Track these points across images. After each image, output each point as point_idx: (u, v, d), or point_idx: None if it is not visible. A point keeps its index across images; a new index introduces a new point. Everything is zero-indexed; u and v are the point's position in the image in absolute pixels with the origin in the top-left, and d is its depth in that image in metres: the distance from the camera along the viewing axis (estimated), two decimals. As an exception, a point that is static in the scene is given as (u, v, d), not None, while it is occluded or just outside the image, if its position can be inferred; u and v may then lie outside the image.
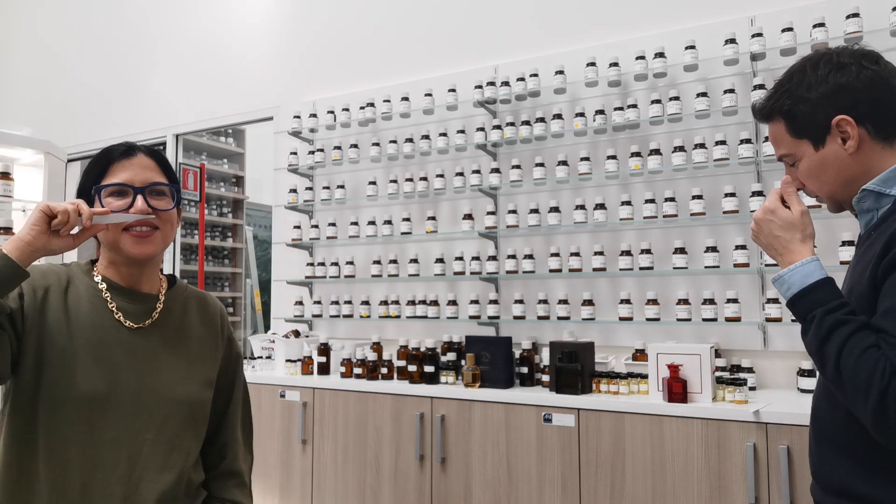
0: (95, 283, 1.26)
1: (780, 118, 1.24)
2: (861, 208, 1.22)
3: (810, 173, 1.22)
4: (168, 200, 1.28)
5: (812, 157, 1.21)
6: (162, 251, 1.28)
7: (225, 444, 1.39)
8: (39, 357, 1.16)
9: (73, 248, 1.13)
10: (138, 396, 1.20)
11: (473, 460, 2.59)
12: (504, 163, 3.19)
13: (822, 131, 1.19)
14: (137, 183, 1.24)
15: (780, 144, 1.25)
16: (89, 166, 1.29)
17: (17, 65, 5.59)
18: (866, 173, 1.19)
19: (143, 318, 1.27)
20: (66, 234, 1.11)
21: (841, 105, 1.16)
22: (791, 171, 1.27)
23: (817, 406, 1.23)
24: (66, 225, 1.09)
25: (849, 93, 1.16)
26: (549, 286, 3.08)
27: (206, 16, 4.51)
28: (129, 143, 1.29)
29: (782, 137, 1.24)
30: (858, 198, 1.21)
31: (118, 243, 1.23)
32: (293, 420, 3.04)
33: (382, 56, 3.73)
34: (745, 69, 2.74)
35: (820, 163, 1.21)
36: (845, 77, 1.17)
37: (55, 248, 1.10)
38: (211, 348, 1.35)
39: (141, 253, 1.23)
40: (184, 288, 1.38)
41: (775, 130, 1.26)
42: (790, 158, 1.25)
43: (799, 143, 1.22)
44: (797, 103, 1.21)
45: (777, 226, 1.21)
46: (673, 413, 2.24)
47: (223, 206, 6.45)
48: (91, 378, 1.17)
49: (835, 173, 1.20)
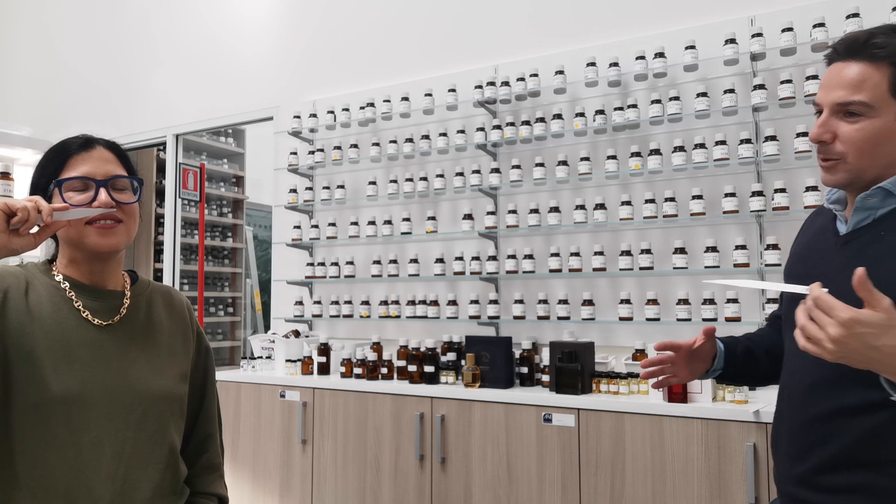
0: (57, 283, 1.22)
1: (891, 67, 1.11)
2: (864, 205, 1.17)
3: (874, 138, 1.13)
4: (130, 194, 1.24)
5: (889, 123, 1.12)
6: (126, 245, 1.25)
7: (204, 438, 1.37)
8: (5, 361, 1.12)
9: (34, 246, 1.08)
10: (113, 394, 1.18)
11: (473, 460, 2.59)
12: (504, 163, 3.19)
13: None
14: (99, 176, 1.21)
15: (862, 90, 1.12)
16: (45, 161, 1.25)
17: (17, 64, 5.59)
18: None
19: (111, 315, 1.24)
20: (25, 232, 1.06)
21: None
22: (830, 121, 1.16)
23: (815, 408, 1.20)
24: (26, 223, 1.05)
25: None
26: (549, 286, 3.08)
27: (207, 16, 4.51)
28: (87, 136, 1.26)
29: (874, 87, 1.11)
30: (867, 194, 1.16)
31: (82, 238, 1.19)
32: (293, 420, 3.04)
33: (382, 56, 3.73)
34: (745, 69, 2.74)
35: (890, 134, 1.12)
36: None
37: (16, 248, 1.06)
38: (181, 342, 1.33)
39: (106, 245, 1.20)
40: (146, 283, 1.35)
41: (870, 76, 1.12)
42: (862, 109, 1.12)
43: (888, 103, 1.12)
44: None
45: (871, 335, 0.96)
46: (673, 413, 2.24)
47: (223, 206, 6.45)
48: (62, 379, 1.14)
49: (890, 150, 1.13)
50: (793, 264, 1.35)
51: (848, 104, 1.13)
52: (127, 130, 4.71)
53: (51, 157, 1.24)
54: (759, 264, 2.62)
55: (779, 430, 1.31)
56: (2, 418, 1.12)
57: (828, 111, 1.17)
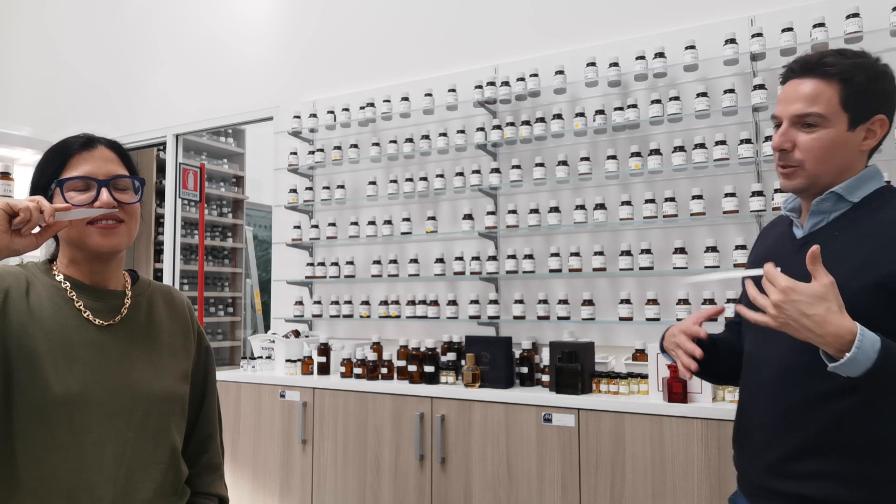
0: (58, 283, 1.21)
1: (841, 84, 1.26)
2: (819, 209, 1.31)
3: (829, 146, 1.27)
4: (131, 194, 1.24)
5: (841, 133, 1.27)
6: (127, 245, 1.24)
7: (205, 438, 1.37)
8: (6, 362, 1.12)
9: (36, 247, 1.08)
10: (115, 394, 1.17)
11: (473, 460, 2.59)
12: (504, 163, 3.19)
13: (863, 118, 1.27)
14: (101, 175, 1.20)
15: (817, 103, 1.26)
16: (45, 160, 1.24)
17: (17, 64, 5.59)
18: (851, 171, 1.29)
19: (112, 315, 1.23)
20: (27, 232, 1.06)
21: (886, 108, 1.29)
22: (789, 132, 1.29)
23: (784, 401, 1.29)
24: (28, 223, 1.05)
25: (891, 104, 1.30)
26: (549, 286, 3.08)
27: (207, 16, 4.51)
28: (89, 135, 1.25)
29: (828, 101, 1.26)
30: (822, 198, 1.30)
31: (83, 238, 1.19)
32: (293, 420, 3.04)
33: (382, 56, 3.73)
34: (745, 69, 2.74)
35: (842, 142, 1.27)
36: (894, 93, 1.30)
37: (18, 248, 1.05)
38: (182, 342, 1.33)
39: (108, 245, 1.19)
40: (147, 283, 1.35)
41: (822, 91, 1.26)
42: (818, 120, 1.26)
43: (839, 115, 1.26)
44: (866, 83, 1.26)
45: (804, 303, 1.10)
46: (673, 413, 2.24)
47: (223, 206, 6.45)
48: (63, 379, 1.13)
49: (842, 157, 1.28)
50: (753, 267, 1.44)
51: (805, 115, 1.27)
52: (127, 130, 4.72)
53: (52, 156, 1.23)
54: (759, 264, 2.62)
55: (743, 424, 1.40)
56: (3, 419, 1.12)
57: (787, 122, 1.30)
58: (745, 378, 1.42)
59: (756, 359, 1.37)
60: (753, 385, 1.37)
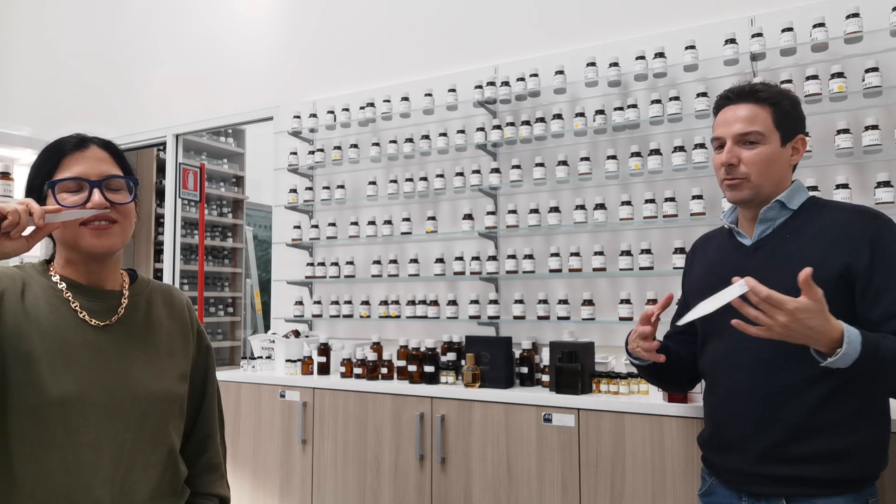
0: (54, 284, 1.21)
1: (771, 108, 1.53)
2: (766, 216, 1.53)
3: (767, 159, 1.51)
4: (125, 194, 1.23)
5: (776, 148, 1.53)
6: (122, 245, 1.23)
7: (204, 438, 1.37)
8: (2, 364, 1.11)
9: (27, 249, 1.06)
10: (112, 395, 1.17)
11: (473, 460, 2.59)
12: (504, 163, 3.19)
13: (790, 136, 1.55)
14: (93, 176, 1.19)
15: (756, 123, 1.51)
16: (39, 161, 1.23)
17: (17, 64, 5.59)
18: (783, 183, 1.54)
19: (109, 316, 1.22)
20: (17, 235, 1.04)
21: (803, 130, 1.59)
22: (734, 149, 1.52)
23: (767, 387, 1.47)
24: (17, 226, 1.03)
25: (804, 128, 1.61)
26: (549, 286, 3.08)
27: (207, 16, 4.51)
28: (81, 135, 1.24)
29: (763, 120, 1.52)
30: (768, 207, 1.52)
31: (77, 239, 1.18)
32: (293, 420, 3.04)
33: (382, 56, 3.73)
34: (745, 69, 2.74)
35: (777, 156, 1.53)
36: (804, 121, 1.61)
37: (8, 251, 1.04)
38: (181, 342, 1.32)
39: (101, 246, 1.19)
40: (146, 282, 1.34)
41: (757, 112, 1.52)
42: (758, 137, 1.51)
43: (773, 133, 1.52)
44: (790, 106, 1.56)
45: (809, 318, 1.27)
46: (673, 413, 2.24)
47: (223, 206, 6.45)
48: (60, 380, 1.12)
49: (778, 170, 1.53)
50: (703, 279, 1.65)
51: (747, 134, 1.51)
52: (127, 130, 4.72)
53: (45, 157, 1.22)
54: (759, 264, 2.62)
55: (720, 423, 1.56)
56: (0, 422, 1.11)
57: (731, 141, 1.53)
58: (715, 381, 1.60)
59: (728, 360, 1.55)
60: (729, 384, 1.54)
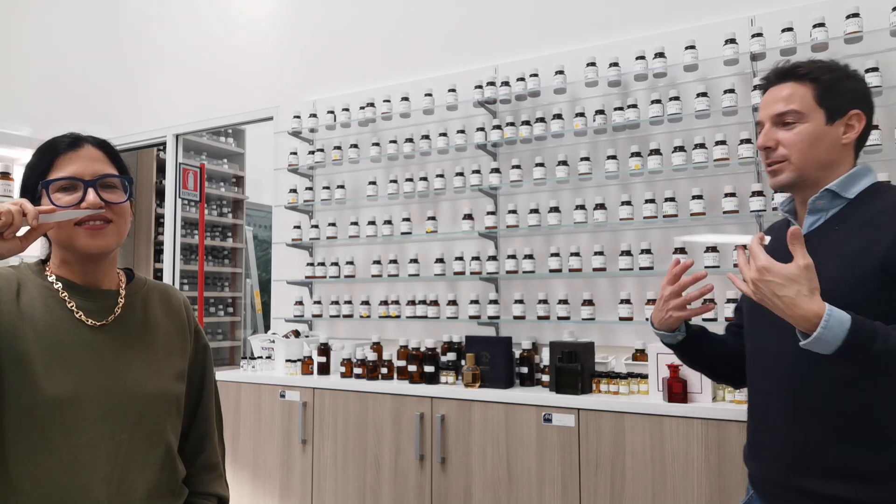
0: (50, 284, 1.20)
1: (811, 83, 1.37)
2: (815, 207, 1.37)
3: (809, 138, 1.36)
4: (120, 193, 1.22)
5: (819, 127, 1.36)
6: (117, 245, 1.22)
7: (202, 437, 1.36)
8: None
9: (21, 250, 1.05)
10: (109, 395, 1.16)
11: (473, 460, 2.59)
12: (504, 163, 3.19)
13: (839, 113, 1.37)
14: (87, 175, 1.18)
15: (793, 102, 1.37)
16: (34, 160, 1.22)
17: (19, 64, 5.59)
18: (836, 167, 1.37)
19: (105, 315, 1.22)
20: (10, 236, 1.03)
21: (862, 105, 1.38)
22: (771, 131, 1.39)
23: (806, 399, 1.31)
24: (11, 227, 1.02)
25: (867, 103, 1.40)
26: (549, 286, 3.08)
27: (207, 15, 4.51)
28: (75, 134, 1.22)
29: (802, 98, 1.37)
30: (816, 196, 1.36)
31: (71, 240, 1.17)
32: (293, 420, 3.04)
33: (382, 56, 3.73)
34: (745, 69, 2.74)
35: (821, 135, 1.36)
36: (869, 94, 1.41)
37: (1, 252, 1.03)
38: (178, 341, 1.32)
39: (96, 246, 1.18)
40: (143, 282, 1.33)
41: (796, 90, 1.38)
42: (794, 117, 1.37)
43: (815, 110, 1.36)
44: (836, 81, 1.38)
45: (777, 284, 1.16)
46: (673, 413, 2.24)
47: (223, 206, 6.45)
48: (55, 381, 1.12)
49: (824, 151, 1.36)
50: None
51: (784, 114, 1.38)
52: (127, 130, 4.72)
53: (39, 156, 1.22)
54: (759, 264, 2.62)
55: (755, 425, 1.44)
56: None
57: (769, 123, 1.40)
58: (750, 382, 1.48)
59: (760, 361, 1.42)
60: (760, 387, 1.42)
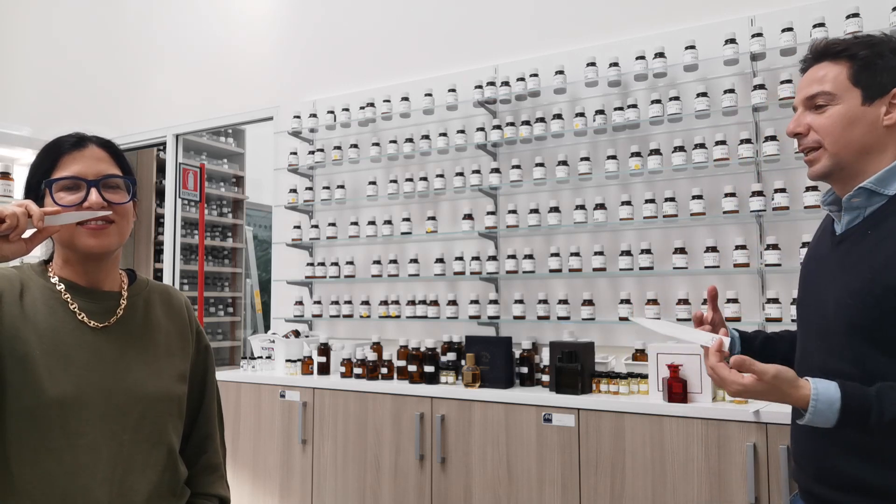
0: (52, 285, 1.20)
1: (847, 61, 1.25)
2: (850, 205, 1.26)
3: (842, 121, 1.24)
4: (123, 193, 1.22)
5: (855, 108, 1.24)
6: (119, 245, 1.22)
7: (204, 438, 1.36)
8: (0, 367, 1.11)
9: (26, 252, 1.04)
10: (110, 396, 1.16)
11: (473, 460, 2.59)
12: (504, 163, 3.19)
13: (878, 92, 1.23)
14: (90, 176, 1.18)
15: (824, 83, 1.26)
16: (38, 160, 1.22)
17: (20, 64, 5.58)
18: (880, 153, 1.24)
19: (107, 317, 1.22)
20: (16, 238, 1.02)
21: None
22: (802, 116, 1.29)
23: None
24: (16, 229, 1.01)
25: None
26: (549, 286, 3.08)
27: (207, 15, 4.51)
28: (80, 134, 1.23)
29: (834, 78, 1.25)
30: (851, 195, 1.25)
31: (73, 239, 1.17)
32: (293, 420, 3.04)
33: (382, 56, 3.73)
34: (745, 69, 2.74)
35: (858, 116, 1.24)
36: None
37: (6, 255, 1.03)
38: (179, 342, 1.32)
39: (98, 246, 1.18)
40: (145, 283, 1.33)
41: (829, 70, 1.26)
42: (827, 98, 1.25)
43: (850, 90, 1.24)
44: (875, 57, 1.24)
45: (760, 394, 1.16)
46: (673, 413, 2.24)
47: (223, 206, 6.45)
48: (57, 382, 1.12)
49: (861, 134, 1.24)
50: (802, 266, 1.44)
51: (814, 97, 1.27)
52: (127, 130, 4.72)
53: (43, 155, 1.22)
54: (759, 264, 2.62)
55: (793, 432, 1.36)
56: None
57: (801, 108, 1.30)
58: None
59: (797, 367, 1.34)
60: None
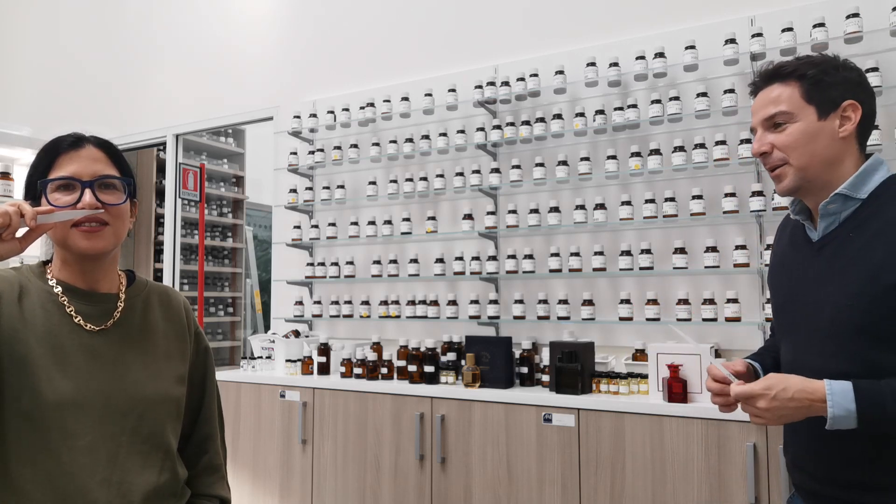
0: (50, 288, 1.20)
1: (797, 81, 1.33)
2: (826, 211, 1.32)
3: (803, 137, 1.31)
4: (119, 194, 1.21)
5: (811, 124, 1.31)
6: (114, 247, 1.22)
7: (204, 439, 1.36)
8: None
9: (20, 251, 1.05)
10: (108, 399, 1.16)
11: (473, 460, 2.59)
12: (504, 163, 3.19)
13: (831, 106, 1.31)
14: (85, 176, 1.18)
15: (780, 103, 1.32)
16: (37, 159, 1.22)
17: (21, 63, 5.59)
18: (841, 163, 1.31)
19: (104, 320, 1.22)
20: (9, 237, 1.03)
21: (856, 94, 1.31)
22: (764, 136, 1.35)
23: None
24: (9, 228, 1.02)
25: (863, 91, 1.32)
26: (549, 286, 3.08)
27: (207, 15, 4.51)
28: (78, 134, 1.23)
29: (789, 98, 1.32)
30: (828, 201, 1.31)
31: (67, 241, 1.17)
32: (293, 420, 3.04)
33: (382, 56, 3.73)
34: (745, 69, 2.74)
35: (816, 132, 1.30)
36: (863, 81, 1.34)
37: (1, 253, 1.03)
38: (178, 344, 1.32)
39: (91, 248, 1.17)
40: (144, 284, 1.33)
41: (782, 91, 1.33)
42: (785, 117, 1.32)
43: (805, 108, 1.31)
44: (821, 74, 1.32)
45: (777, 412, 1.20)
46: (673, 413, 2.24)
47: (223, 206, 6.45)
48: (55, 385, 1.12)
49: (822, 147, 1.30)
50: (774, 274, 1.48)
51: (773, 116, 1.33)
52: (127, 130, 4.72)
53: (41, 155, 1.22)
54: (759, 264, 2.62)
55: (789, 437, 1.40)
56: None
57: (761, 128, 1.36)
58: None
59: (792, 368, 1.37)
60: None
